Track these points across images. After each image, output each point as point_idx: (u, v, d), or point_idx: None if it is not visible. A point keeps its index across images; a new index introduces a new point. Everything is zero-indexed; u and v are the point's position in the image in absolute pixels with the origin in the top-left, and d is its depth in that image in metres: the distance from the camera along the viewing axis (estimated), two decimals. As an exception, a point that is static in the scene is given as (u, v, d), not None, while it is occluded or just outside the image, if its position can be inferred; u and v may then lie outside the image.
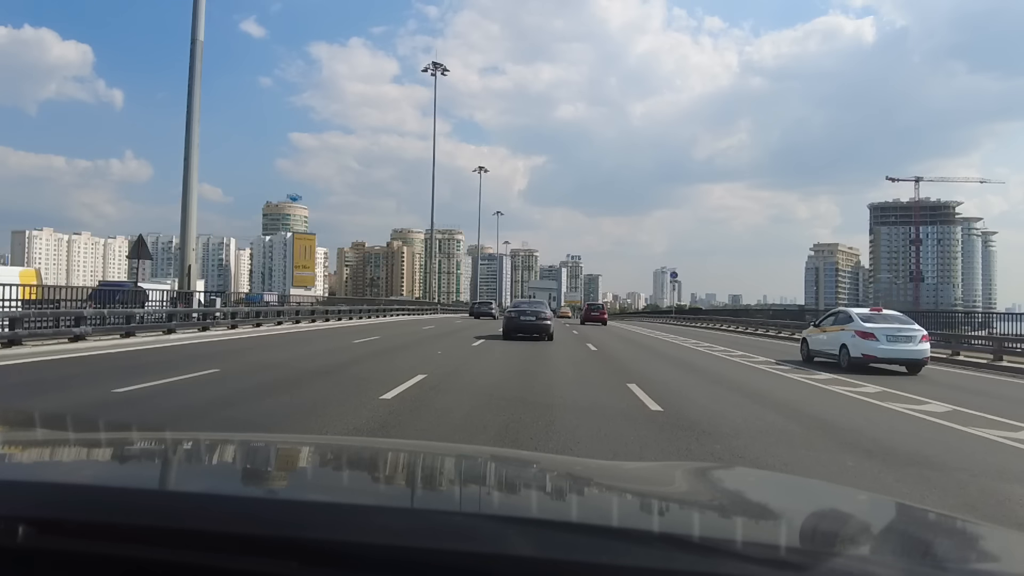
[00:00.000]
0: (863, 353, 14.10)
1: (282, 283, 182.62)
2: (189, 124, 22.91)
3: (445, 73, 64.76)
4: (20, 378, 9.77)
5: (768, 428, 7.22)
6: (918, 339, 14.12)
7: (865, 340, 14.15)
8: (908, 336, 14.16)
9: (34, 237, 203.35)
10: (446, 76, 64.25)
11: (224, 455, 1.68)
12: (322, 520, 0.92)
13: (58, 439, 1.75)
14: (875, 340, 14.03)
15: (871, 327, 14.34)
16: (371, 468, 1.62)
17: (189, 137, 22.81)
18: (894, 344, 14.01)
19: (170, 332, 18.31)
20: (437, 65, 62.90)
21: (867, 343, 14.10)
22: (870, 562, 0.95)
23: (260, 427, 6.32)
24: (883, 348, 13.95)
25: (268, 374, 10.93)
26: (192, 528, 0.91)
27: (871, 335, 14.13)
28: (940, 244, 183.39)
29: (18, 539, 0.88)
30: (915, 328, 14.41)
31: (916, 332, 14.24)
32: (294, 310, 31.81)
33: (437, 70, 62.75)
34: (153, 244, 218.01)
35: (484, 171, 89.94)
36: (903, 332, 14.22)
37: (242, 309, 25.32)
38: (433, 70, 62.62)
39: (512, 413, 7.39)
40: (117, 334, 16.25)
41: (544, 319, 21.02)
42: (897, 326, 14.45)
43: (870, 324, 14.49)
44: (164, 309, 20.03)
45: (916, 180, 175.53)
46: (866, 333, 14.23)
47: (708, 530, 1.07)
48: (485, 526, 0.97)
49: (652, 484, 1.51)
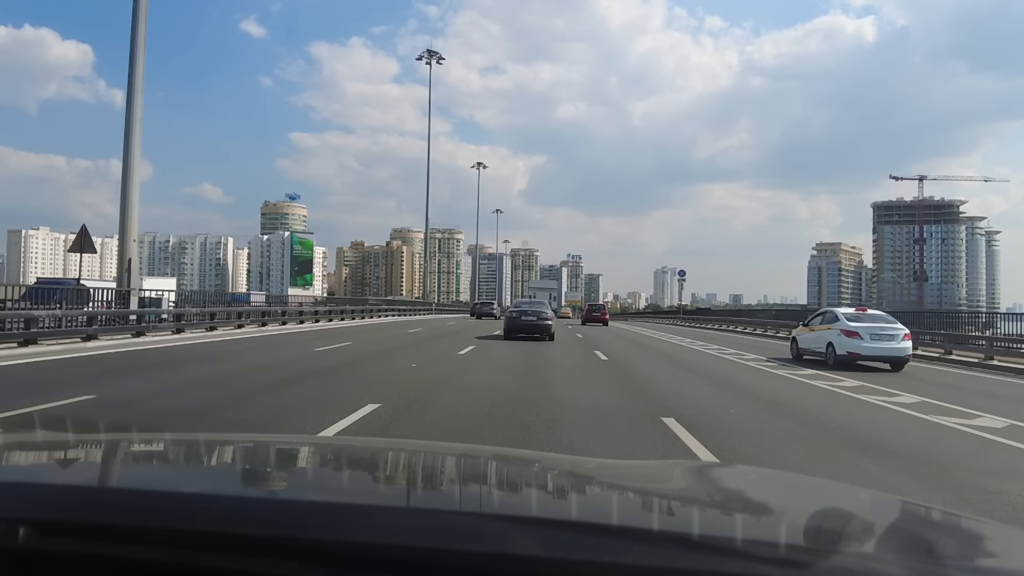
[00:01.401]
0: (848, 351, 15.03)
1: (280, 283, 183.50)
2: (131, 90, 18.88)
3: (440, 62, 63.14)
4: None
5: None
6: (900, 337, 15.04)
7: (850, 338, 15.10)
8: (891, 334, 15.09)
9: (30, 236, 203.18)
10: (445, 74, 66.22)
11: (224, 455, 1.70)
12: (324, 520, 0.94)
13: (58, 440, 1.77)
14: (859, 338, 14.97)
15: (856, 326, 15.28)
16: (372, 468, 1.64)
17: (131, 107, 18.95)
18: (877, 342, 14.94)
19: (89, 339, 15.19)
20: (432, 53, 61.63)
21: (852, 341, 15.04)
22: (871, 559, 0.97)
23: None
24: (867, 346, 14.88)
25: (152, 404, 7.99)
26: (193, 529, 0.92)
27: (856, 333, 15.06)
28: (944, 243, 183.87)
29: (19, 540, 0.89)
30: (897, 327, 15.34)
31: (898, 331, 15.17)
32: (259, 311, 27.64)
33: (432, 58, 61.48)
34: (150, 244, 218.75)
35: (483, 167, 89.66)
36: (886, 331, 15.15)
37: (190, 311, 21.31)
38: (428, 58, 61.34)
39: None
40: (15, 342, 13.42)
41: (545, 319, 21.65)
42: (880, 325, 15.39)
43: (855, 323, 15.44)
44: (86, 312, 16.43)
45: (920, 179, 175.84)
46: (851, 332, 15.16)
47: (709, 528, 1.08)
48: (487, 525, 0.98)
49: (653, 483, 1.54)
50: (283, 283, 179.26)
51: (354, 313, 36.91)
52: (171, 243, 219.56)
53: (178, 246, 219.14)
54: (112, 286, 19.61)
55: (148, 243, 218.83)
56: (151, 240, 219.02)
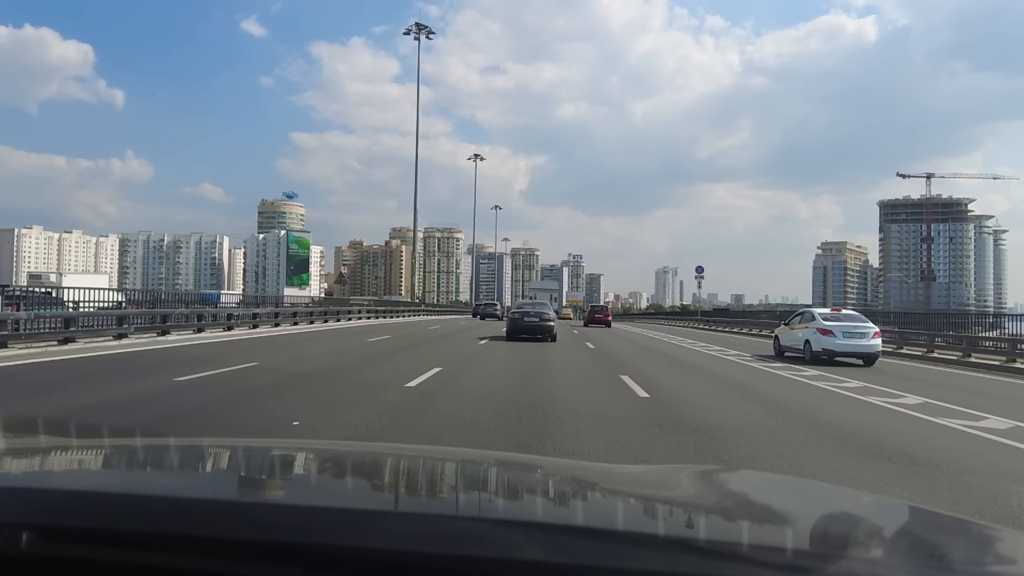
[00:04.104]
0: (823, 347, 16.92)
1: (276, 283, 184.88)
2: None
3: (431, 37, 58.50)
4: None
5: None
6: (870, 335, 16.95)
7: (824, 336, 16.99)
8: (862, 332, 16.99)
9: (23, 235, 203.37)
10: (445, 74, 65.83)
11: (228, 460, 1.73)
12: (327, 525, 0.97)
13: (62, 445, 1.79)
14: (833, 336, 16.86)
15: (830, 325, 17.19)
16: (376, 473, 1.67)
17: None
18: (849, 339, 16.83)
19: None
20: (421, 27, 56.40)
21: (826, 339, 16.93)
22: (878, 564, 0.99)
23: None
24: (840, 343, 16.77)
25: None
26: (195, 534, 0.94)
27: (830, 332, 16.96)
28: (952, 242, 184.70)
29: (22, 546, 0.91)
30: (868, 325, 17.27)
31: (869, 329, 17.09)
32: (184, 315, 21.77)
33: (421, 33, 56.37)
34: (144, 243, 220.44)
35: (480, 159, 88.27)
36: (857, 329, 17.06)
37: (52, 313, 16.54)
38: (416, 32, 56.20)
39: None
40: None
41: (547, 320, 22.79)
42: (852, 324, 17.32)
43: (829, 322, 17.35)
44: None
45: (927, 176, 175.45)
46: (825, 330, 17.07)
47: (714, 533, 1.12)
48: (491, 530, 1.01)
49: (657, 487, 1.57)
50: (279, 283, 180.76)
51: (327, 315, 33.78)
52: (165, 242, 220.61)
53: (172, 245, 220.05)
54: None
55: (142, 242, 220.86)
56: (145, 240, 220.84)
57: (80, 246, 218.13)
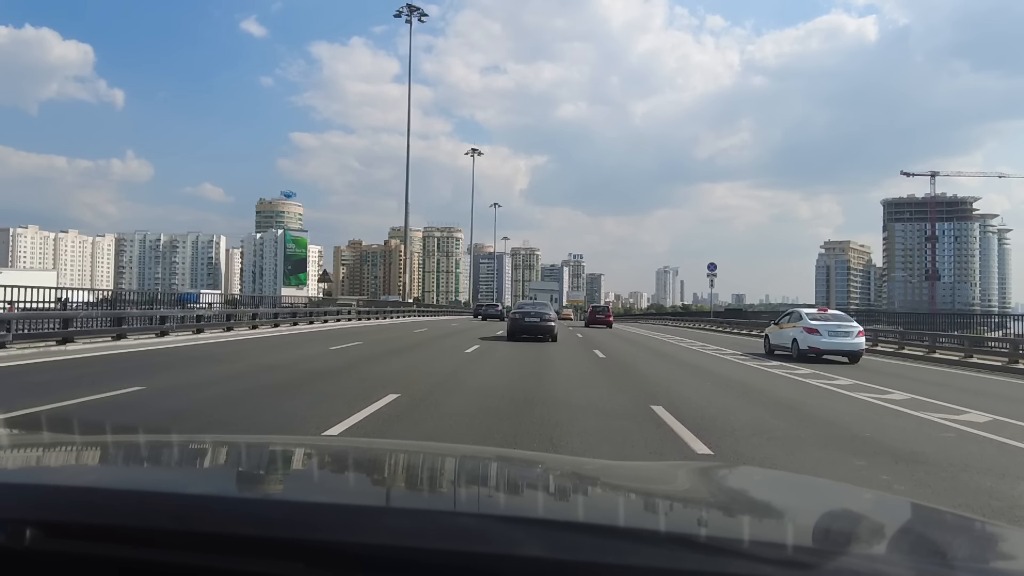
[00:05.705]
0: (809, 346, 17.93)
1: (273, 282, 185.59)
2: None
3: (423, 19, 56.56)
4: None
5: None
6: (854, 334, 17.99)
7: (811, 335, 18.02)
8: (846, 331, 18.03)
9: (18, 235, 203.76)
10: (446, 74, 66.33)
11: (230, 457, 1.75)
12: (329, 521, 0.97)
13: (64, 441, 1.82)
14: (819, 335, 17.88)
15: (816, 324, 18.22)
16: (377, 469, 1.71)
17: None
18: (834, 338, 17.86)
19: None
20: (413, 9, 54.08)
21: (812, 337, 17.96)
22: (879, 561, 0.99)
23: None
24: (825, 341, 17.80)
25: None
26: (198, 530, 0.95)
27: (816, 330, 17.99)
28: (957, 241, 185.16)
29: (25, 541, 0.92)
30: (852, 324, 18.33)
31: (853, 328, 18.15)
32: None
33: (413, 15, 54.15)
34: (140, 242, 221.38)
35: (478, 153, 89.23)
36: (842, 328, 18.11)
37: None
38: (408, 15, 53.95)
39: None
40: None
41: (548, 321, 23.56)
42: (838, 323, 18.36)
43: (815, 322, 18.38)
44: None
45: (932, 175, 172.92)
46: (811, 329, 18.10)
47: (715, 529, 1.14)
48: (492, 526, 1.01)
49: (658, 484, 1.59)
50: (276, 283, 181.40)
51: (312, 316, 32.69)
52: (162, 242, 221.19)
53: (169, 245, 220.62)
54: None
55: (138, 242, 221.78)
56: (141, 239, 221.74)
57: (76, 246, 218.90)
